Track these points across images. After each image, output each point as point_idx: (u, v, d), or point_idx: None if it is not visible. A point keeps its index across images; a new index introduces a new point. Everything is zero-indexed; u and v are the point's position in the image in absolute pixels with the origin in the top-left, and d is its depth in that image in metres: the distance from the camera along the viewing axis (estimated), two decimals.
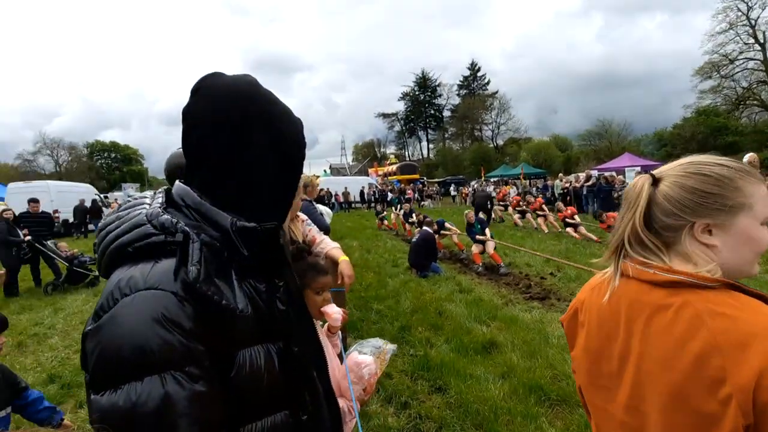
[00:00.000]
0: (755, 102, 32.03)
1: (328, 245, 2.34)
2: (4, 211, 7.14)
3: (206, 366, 0.59)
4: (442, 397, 3.12)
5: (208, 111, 0.71)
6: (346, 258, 2.19)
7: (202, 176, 0.72)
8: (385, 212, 15.94)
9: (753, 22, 30.55)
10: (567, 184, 16.96)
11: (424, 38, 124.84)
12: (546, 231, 11.28)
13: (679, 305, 0.73)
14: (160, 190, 0.79)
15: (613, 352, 0.85)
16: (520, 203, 13.52)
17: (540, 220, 11.87)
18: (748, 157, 9.43)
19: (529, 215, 12.74)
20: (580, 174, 18.72)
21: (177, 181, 0.77)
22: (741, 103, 32.54)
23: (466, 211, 9.09)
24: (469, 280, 6.64)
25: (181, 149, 0.74)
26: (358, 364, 1.58)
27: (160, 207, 0.70)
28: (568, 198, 16.30)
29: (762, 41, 30.51)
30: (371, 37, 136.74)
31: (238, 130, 0.71)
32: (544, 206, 12.17)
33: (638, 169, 18.27)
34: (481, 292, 5.81)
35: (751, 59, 31.37)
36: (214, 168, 0.71)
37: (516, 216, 13.32)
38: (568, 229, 10.28)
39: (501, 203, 15.17)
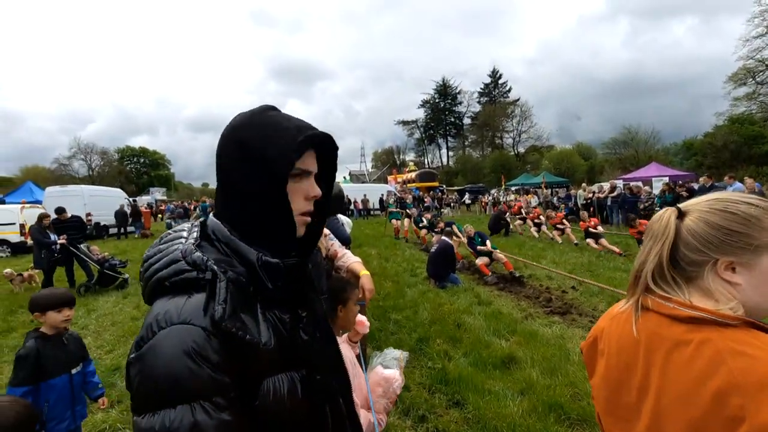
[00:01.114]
0: None
1: (349, 259, 2.40)
2: (44, 216, 7.67)
3: (232, 396, 0.65)
4: (460, 411, 3.11)
5: (220, 148, 0.79)
6: (367, 272, 2.24)
7: (229, 211, 0.79)
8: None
9: None
10: (590, 195, 16.56)
11: (445, 45, 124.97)
12: (560, 242, 11.15)
13: (699, 341, 0.74)
14: (196, 223, 0.86)
15: (633, 384, 0.87)
16: (540, 216, 13.32)
17: (556, 232, 11.75)
18: None
19: (544, 227, 12.56)
20: (604, 184, 18.28)
21: (211, 215, 0.84)
22: None
23: (466, 225, 9.08)
24: (488, 292, 6.58)
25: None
26: (387, 379, 1.62)
27: (194, 242, 0.77)
28: (591, 209, 15.93)
29: None
30: (392, 45, 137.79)
31: (229, 161, 0.77)
32: (564, 221, 11.97)
33: (666, 179, 17.68)
34: (501, 305, 5.76)
35: None
36: (232, 203, 0.78)
37: (533, 228, 13.15)
38: (589, 240, 10.06)
39: (518, 216, 14.95)
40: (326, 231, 2.66)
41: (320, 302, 1.02)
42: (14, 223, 13.89)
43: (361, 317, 1.94)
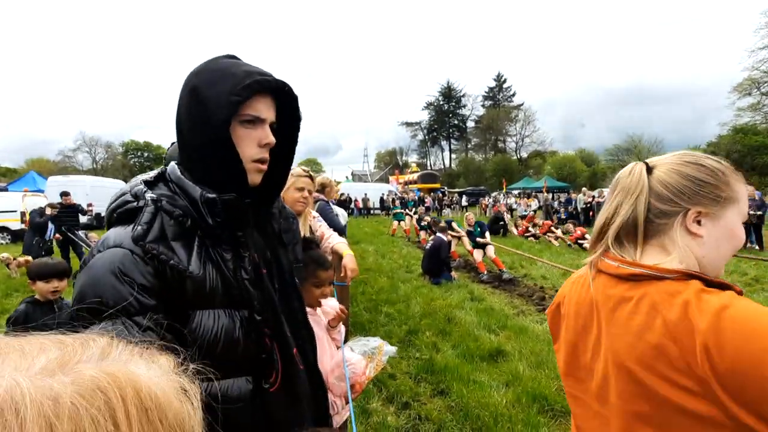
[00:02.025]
0: None
1: (334, 240, 2.42)
2: (49, 205, 7.97)
3: (157, 319, 0.68)
4: (444, 400, 3.12)
5: (179, 97, 0.83)
6: (351, 252, 2.25)
7: (183, 156, 0.83)
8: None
9: None
10: (590, 199, 16.59)
11: (451, 48, 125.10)
12: (557, 245, 11.25)
13: (639, 297, 0.76)
14: (162, 167, 0.89)
15: (588, 345, 0.88)
16: (529, 229, 13.36)
17: (550, 236, 12.00)
18: None
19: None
20: (604, 189, 18.27)
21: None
22: None
23: (467, 214, 9.07)
24: (482, 289, 6.58)
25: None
26: (345, 360, 1.62)
27: (148, 181, 0.81)
28: (591, 213, 15.94)
29: None
30: (398, 45, 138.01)
31: (182, 108, 0.80)
32: (552, 228, 12.32)
33: None
34: (493, 302, 5.76)
35: None
36: (184, 147, 0.82)
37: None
38: (585, 245, 10.12)
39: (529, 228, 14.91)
40: (314, 213, 2.68)
41: (287, 256, 1.04)
42: (15, 211, 13.98)
43: (328, 301, 1.91)
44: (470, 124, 63.51)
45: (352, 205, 25.50)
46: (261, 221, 0.97)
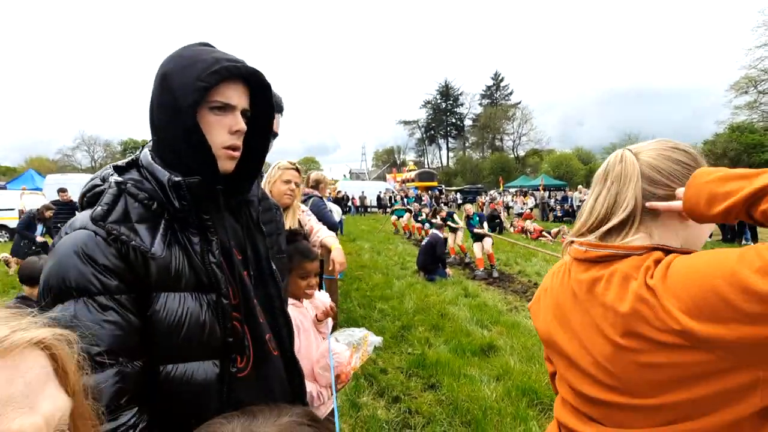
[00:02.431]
0: None
1: (323, 234, 2.42)
2: (47, 208, 7.74)
3: (119, 299, 0.69)
4: (434, 394, 3.14)
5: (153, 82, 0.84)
6: (339, 246, 2.27)
7: (155, 144, 0.84)
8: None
9: None
10: (585, 197, 16.68)
11: (449, 47, 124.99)
12: (552, 242, 11.35)
13: (609, 274, 0.78)
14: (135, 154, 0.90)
15: (573, 331, 0.88)
16: (524, 228, 13.46)
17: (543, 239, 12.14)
18: None
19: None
20: None
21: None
22: None
23: (466, 205, 9.13)
24: (476, 285, 6.61)
25: None
26: (330, 350, 1.63)
27: (113, 165, 0.83)
28: None
29: None
30: (396, 44, 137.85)
31: (154, 94, 0.81)
32: (544, 233, 12.56)
33: None
34: (487, 298, 5.79)
35: None
36: (155, 135, 0.83)
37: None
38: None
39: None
40: (303, 207, 2.68)
41: (264, 243, 1.05)
42: (13, 209, 13.97)
43: (323, 298, 1.92)
44: (468, 122, 63.69)
45: (350, 203, 25.49)
46: (236, 208, 0.98)
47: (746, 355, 0.60)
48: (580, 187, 19.44)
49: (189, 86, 0.76)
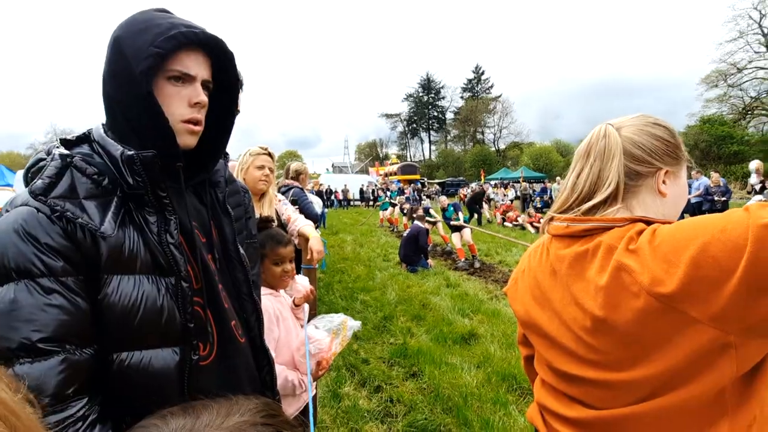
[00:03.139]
0: (763, 112, 31.77)
1: (301, 223, 2.38)
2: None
3: (66, 281, 0.63)
4: (416, 382, 3.15)
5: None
6: (317, 234, 2.23)
7: (108, 116, 0.78)
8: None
9: (765, 30, 30.38)
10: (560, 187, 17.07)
11: (430, 40, 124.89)
12: (533, 232, 11.51)
13: (594, 247, 0.77)
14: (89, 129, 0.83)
15: (554, 310, 0.87)
16: (518, 218, 13.51)
17: (524, 220, 12.36)
18: (755, 164, 9.45)
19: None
20: None
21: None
22: (748, 113, 32.35)
23: (441, 197, 9.20)
24: (458, 275, 6.66)
25: None
26: (309, 338, 1.60)
27: (60, 138, 0.77)
28: None
29: None
30: (378, 37, 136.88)
31: (106, 60, 0.76)
32: (519, 219, 12.79)
33: None
34: (468, 287, 5.84)
35: (761, 68, 31.12)
36: (108, 106, 0.77)
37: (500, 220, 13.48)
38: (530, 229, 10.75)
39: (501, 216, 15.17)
40: (280, 197, 2.62)
41: (231, 225, 1.00)
42: None
43: (300, 280, 1.90)
44: (449, 115, 63.93)
45: (333, 197, 25.35)
46: (200, 188, 0.93)
47: (723, 315, 0.60)
48: (558, 178, 19.82)
49: (142, 52, 0.70)
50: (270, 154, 2.22)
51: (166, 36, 0.71)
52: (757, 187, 9.06)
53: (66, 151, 0.70)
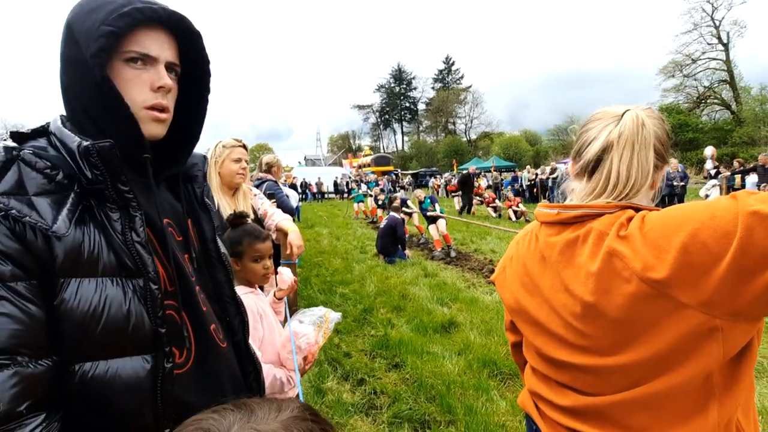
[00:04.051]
0: (716, 101, 33.59)
1: (278, 217, 2.31)
2: None
3: (15, 287, 0.57)
4: (399, 373, 3.16)
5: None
6: (296, 228, 2.17)
7: (66, 106, 0.72)
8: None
9: (717, 22, 31.99)
10: (533, 176, 17.53)
11: (401, 30, 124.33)
12: (515, 219, 11.65)
13: (584, 233, 0.77)
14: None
15: (543, 297, 0.87)
16: (496, 200, 13.65)
17: (504, 204, 12.37)
18: (710, 150, 9.99)
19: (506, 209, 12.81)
20: (546, 167, 19.30)
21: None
22: (702, 102, 34.11)
23: (417, 191, 9.27)
24: (435, 265, 6.72)
25: None
26: (296, 334, 1.57)
27: (10, 131, 0.69)
28: (535, 189, 16.80)
29: (725, 41, 32.02)
30: (348, 27, 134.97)
31: (61, 47, 0.70)
32: (496, 201, 12.76)
33: None
34: (445, 276, 5.90)
35: (714, 59, 32.84)
36: (64, 94, 0.71)
37: (490, 209, 13.53)
38: (510, 215, 11.14)
39: (477, 197, 15.36)
40: (255, 191, 2.54)
41: (210, 223, 0.94)
42: None
43: (284, 272, 1.86)
44: (421, 106, 64.10)
45: (307, 190, 25.03)
46: (173, 182, 0.87)
47: (712, 299, 0.61)
48: (528, 167, 20.33)
49: (93, 32, 0.63)
50: (245, 146, 2.14)
51: (120, 13, 0.64)
52: (713, 172, 9.58)
53: (12, 144, 0.63)
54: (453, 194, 14.64)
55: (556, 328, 0.83)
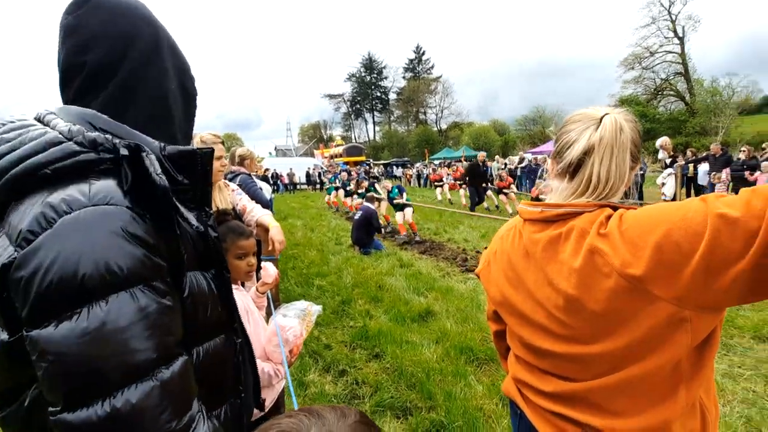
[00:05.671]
0: (672, 92, 35.37)
1: (258, 212, 2.29)
2: None
3: (170, 282, 0.59)
4: (379, 363, 3.23)
5: (112, 25, 0.67)
6: (277, 224, 2.16)
7: (109, 96, 0.67)
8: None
9: (674, 17, 33.64)
10: (502, 166, 17.97)
11: (371, 18, 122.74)
12: (510, 211, 10.50)
13: (567, 231, 0.83)
14: (47, 110, 0.67)
15: (528, 291, 0.92)
16: (512, 185, 11.90)
17: (503, 197, 11.01)
18: (661, 141, 10.52)
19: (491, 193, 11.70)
20: (514, 157, 19.82)
21: (64, 105, 0.69)
22: (659, 93, 35.83)
23: (384, 181, 9.52)
24: (410, 255, 6.82)
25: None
26: (282, 327, 1.59)
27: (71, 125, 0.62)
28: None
29: (681, 35, 33.69)
30: (317, 14, 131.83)
31: (151, 47, 0.70)
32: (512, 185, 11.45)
33: None
34: (421, 266, 6.01)
35: (670, 52, 34.54)
36: (123, 87, 0.68)
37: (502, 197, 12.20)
38: (502, 196, 10.78)
39: (438, 183, 15.65)
40: (233, 186, 2.50)
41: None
42: None
43: (268, 266, 1.86)
44: (392, 96, 63.88)
45: (278, 181, 24.56)
46: None
47: (683, 294, 0.67)
48: (497, 157, 20.78)
49: (192, 76, 0.81)
50: (223, 142, 2.10)
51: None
52: (667, 161, 10.12)
53: (134, 143, 0.63)
54: (459, 183, 13.30)
55: (540, 320, 0.89)
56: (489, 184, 11.41)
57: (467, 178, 11.48)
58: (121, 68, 0.67)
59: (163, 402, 0.52)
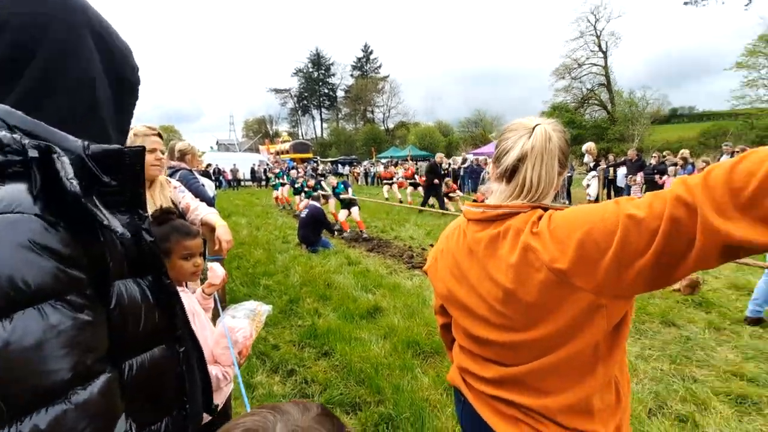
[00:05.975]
0: (596, 102, 38.72)
1: (203, 211, 2.21)
2: None
3: (88, 294, 0.54)
4: (328, 360, 3.24)
5: (22, 5, 0.60)
6: (224, 223, 2.10)
7: (24, 89, 0.60)
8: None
9: (599, 32, 36.88)
10: (447, 166, 18.57)
11: (319, 13, 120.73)
12: (453, 210, 10.82)
13: (504, 230, 0.91)
14: None
15: (471, 286, 1.00)
16: (457, 191, 12.35)
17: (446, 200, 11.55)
18: (587, 146, 11.51)
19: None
20: (457, 157, 20.64)
21: None
22: (585, 102, 39.05)
23: (330, 178, 9.60)
24: (358, 253, 6.87)
25: None
26: (231, 329, 1.56)
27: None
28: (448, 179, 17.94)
29: (604, 50, 36.98)
30: (264, 5, 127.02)
31: (72, 32, 0.63)
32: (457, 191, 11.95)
33: None
34: (368, 264, 6.08)
35: (595, 65, 37.83)
36: (42, 79, 0.61)
37: (409, 191, 13.47)
38: (446, 201, 11.15)
39: (387, 181, 15.87)
40: (175, 183, 2.39)
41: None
42: None
43: (216, 267, 1.81)
44: (340, 93, 63.48)
45: (221, 177, 23.42)
46: None
47: (600, 284, 0.78)
48: (441, 155, 21.47)
49: (133, 65, 0.76)
50: (160, 135, 2.00)
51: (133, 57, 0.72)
52: (591, 165, 11.10)
53: (45, 144, 0.56)
54: (410, 182, 13.88)
55: (481, 311, 0.98)
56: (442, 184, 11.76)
57: (426, 178, 11.77)
58: (36, 56, 0.60)
59: (79, 424, 0.49)
